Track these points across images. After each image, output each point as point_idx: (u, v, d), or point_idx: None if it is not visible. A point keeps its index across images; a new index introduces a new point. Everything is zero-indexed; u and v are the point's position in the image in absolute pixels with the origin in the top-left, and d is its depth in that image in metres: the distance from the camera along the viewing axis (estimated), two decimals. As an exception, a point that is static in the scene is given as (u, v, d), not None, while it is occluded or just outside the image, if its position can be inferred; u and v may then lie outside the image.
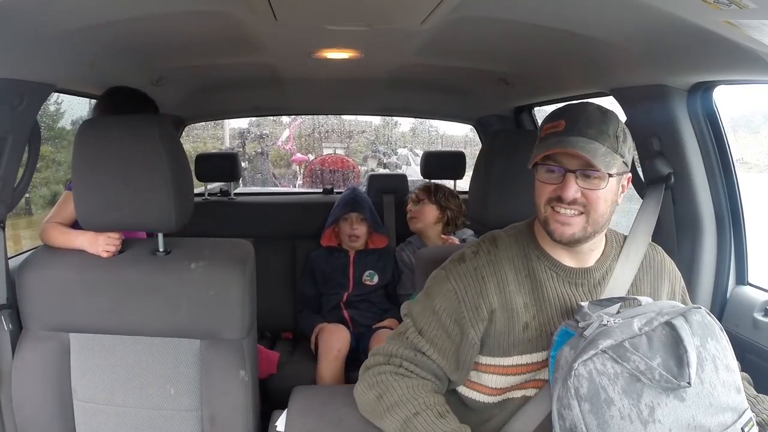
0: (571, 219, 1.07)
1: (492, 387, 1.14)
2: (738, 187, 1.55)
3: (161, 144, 1.29)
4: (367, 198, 2.51)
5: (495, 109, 2.68)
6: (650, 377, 0.92)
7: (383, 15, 1.37)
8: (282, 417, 1.48)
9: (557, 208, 1.07)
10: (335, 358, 2.08)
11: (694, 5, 0.96)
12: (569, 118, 1.07)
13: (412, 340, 1.13)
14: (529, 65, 1.84)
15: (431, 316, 1.13)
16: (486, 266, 1.12)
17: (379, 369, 1.14)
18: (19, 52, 1.29)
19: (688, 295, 1.24)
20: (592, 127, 1.05)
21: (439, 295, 1.13)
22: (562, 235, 1.08)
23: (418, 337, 1.13)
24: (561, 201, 1.06)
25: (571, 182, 1.05)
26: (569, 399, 0.94)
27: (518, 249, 1.15)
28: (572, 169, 1.05)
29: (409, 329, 1.15)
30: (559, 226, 1.07)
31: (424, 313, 1.14)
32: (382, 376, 1.13)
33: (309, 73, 2.12)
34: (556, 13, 1.28)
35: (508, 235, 1.18)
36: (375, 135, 8.80)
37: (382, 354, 1.16)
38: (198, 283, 1.34)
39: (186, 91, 2.34)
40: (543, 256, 1.14)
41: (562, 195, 1.05)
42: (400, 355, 1.13)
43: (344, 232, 2.40)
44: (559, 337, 1.04)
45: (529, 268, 1.13)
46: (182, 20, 1.40)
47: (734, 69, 1.27)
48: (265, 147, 8.47)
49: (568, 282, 1.13)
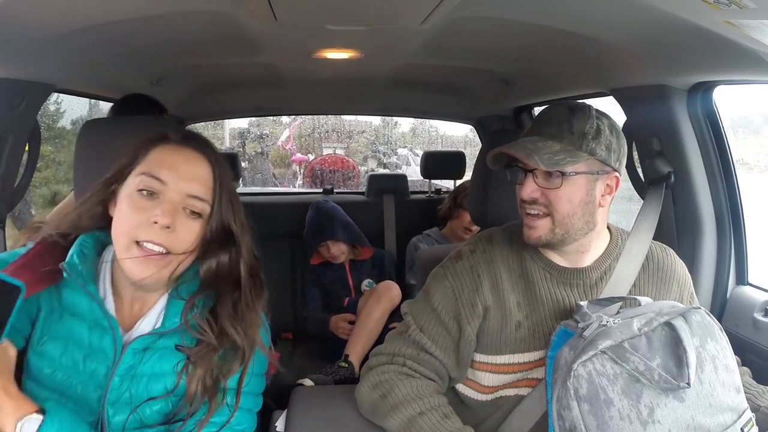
0: (536, 221, 1.07)
1: (485, 385, 1.15)
2: (738, 188, 1.55)
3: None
4: (336, 213, 2.45)
5: (495, 109, 2.68)
6: (650, 378, 0.92)
7: (383, 15, 1.37)
8: (282, 417, 1.48)
9: (526, 210, 1.08)
10: (389, 300, 2.09)
11: (694, 5, 0.96)
12: (535, 120, 1.10)
13: (414, 338, 1.14)
14: (529, 65, 1.84)
15: (431, 314, 1.14)
16: (482, 264, 1.13)
17: (382, 369, 1.14)
18: (19, 52, 1.30)
19: (696, 299, 1.23)
20: (551, 125, 1.06)
21: (437, 293, 1.14)
22: (529, 238, 1.09)
23: (420, 334, 1.13)
24: (525, 202, 1.07)
25: (528, 181, 1.06)
26: (568, 400, 0.94)
27: (513, 248, 1.15)
28: (530, 168, 1.06)
29: (411, 327, 1.15)
30: (527, 230, 1.09)
31: (424, 312, 1.15)
32: (386, 376, 1.12)
33: (309, 73, 2.12)
34: (556, 13, 1.28)
35: (504, 234, 1.18)
36: (375, 135, 8.81)
37: (385, 354, 1.16)
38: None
39: (186, 91, 2.34)
40: (537, 257, 1.14)
41: (521, 195, 1.07)
42: (403, 354, 1.13)
43: (324, 255, 2.40)
44: (558, 338, 1.03)
45: (523, 268, 1.13)
46: (182, 20, 1.40)
47: (734, 69, 1.28)
48: (265, 147, 8.48)
49: (562, 282, 1.13)
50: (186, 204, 0.93)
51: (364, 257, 2.44)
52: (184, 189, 0.92)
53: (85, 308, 0.93)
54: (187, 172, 0.93)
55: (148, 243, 0.90)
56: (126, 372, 0.93)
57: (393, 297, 2.13)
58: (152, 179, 0.91)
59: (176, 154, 0.95)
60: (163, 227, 0.90)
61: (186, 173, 0.93)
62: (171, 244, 0.91)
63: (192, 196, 0.93)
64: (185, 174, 0.93)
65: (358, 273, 2.41)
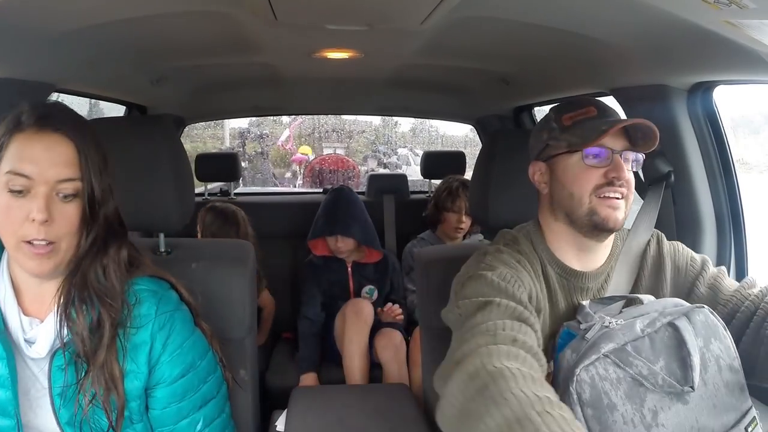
0: (619, 203, 1.03)
1: None
2: (738, 188, 1.55)
3: (162, 144, 1.29)
4: (356, 203, 2.29)
5: (495, 109, 2.68)
6: (653, 382, 0.91)
7: (383, 15, 1.37)
8: (282, 417, 1.49)
9: (607, 193, 1.03)
10: (365, 323, 2.05)
11: (694, 5, 0.96)
12: (596, 105, 1.07)
13: (506, 306, 0.92)
14: (529, 65, 1.84)
15: (498, 293, 0.95)
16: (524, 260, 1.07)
17: (486, 350, 0.82)
18: (19, 52, 1.30)
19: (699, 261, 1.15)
20: (614, 114, 1.07)
21: (493, 275, 0.98)
22: (616, 221, 1.03)
23: (506, 302, 0.92)
24: (612, 184, 1.02)
25: (621, 161, 1.03)
26: (571, 404, 0.92)
27: (533, 251, 1.11)
28: (618, 149, 1.04)
29: (489, 302, 0.92)
30: (612, 211, 1.02)
31: (485, 292, 0.96)
32: (491, 359, 0.80)
33: (309, 73, 2.12)
34: (556, 13, 1.28)
35: (521, 236, 1.13)
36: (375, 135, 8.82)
37: (484, 333, 0.87)
38: (199, 283, 1.33)
39: (186, 91, 2.34)
40: (553, 261, 1.10)
41: (619, 175, 1.02)
42: (504, 326, 0.88)
43: (329, 244, 2.26)
44: (562, 339, 1.02)
45: (545, 274, 1.09)
46: (182, 20, 1.40)
47: (734, 69, 1.27)
48: (265, 147, 8.48)
49: (578, 287, 1.10)
50: (57, 189, 0.91)
51: (369, 260, 2.30)
52: (51, 177, 0.90)
53: None
54: (50, 159, 0.91)
55: (34, 240, 0.90)
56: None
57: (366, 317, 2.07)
58: (17, 176, 0.89)
59: (34, 143, 0.91)
60: (41, 222, 0.89)
61: (49, 161, 0.90)
62: (55, 234, 0.91)
63: (60, 181, 0.91)
64: (48, 162, 0.90)
65: (361, 277, 2.28)
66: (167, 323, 1.00)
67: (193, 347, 1.04)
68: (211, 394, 1.06)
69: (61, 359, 0.94)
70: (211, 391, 1.06)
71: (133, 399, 0.98)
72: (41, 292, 0.97)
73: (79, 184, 0.93)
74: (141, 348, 0.98)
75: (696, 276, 1.13)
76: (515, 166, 1.29)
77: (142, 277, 1.03)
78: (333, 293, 2.26)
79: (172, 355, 1.00)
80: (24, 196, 0.90)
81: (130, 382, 0.97)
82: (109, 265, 0.98)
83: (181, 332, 1.02)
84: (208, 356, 1.06)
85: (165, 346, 1.00)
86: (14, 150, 0.91)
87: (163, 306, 1.01)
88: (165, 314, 1.01)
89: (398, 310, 2.21)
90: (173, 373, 1.00)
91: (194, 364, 1.03)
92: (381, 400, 1.57)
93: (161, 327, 1.00)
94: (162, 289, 1.04)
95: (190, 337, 1.03)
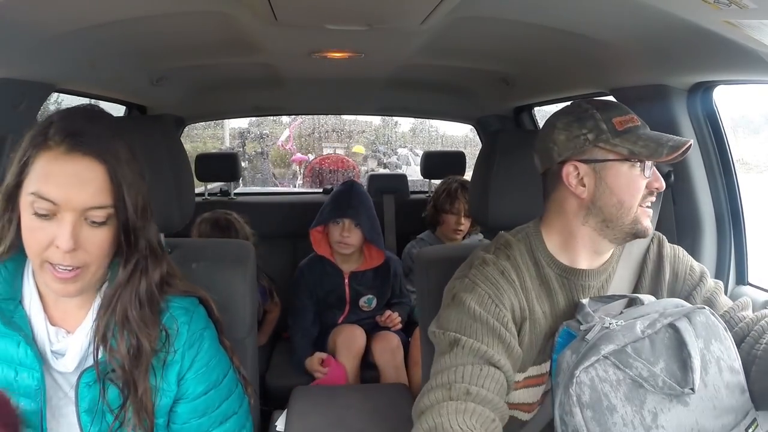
0: (651, 211, 1.06)
1: (530, 402, 1.08)
2: (738, 188, 1.55)
3: (162, 144, 1.29)
4: (367, 197, 2.19)
5: (495, 109, 2.68)
6: (653, 384, 0.90)
7: (383, 15, 1.37)
8: (282, 417, 1.49)
9: (648, 203, 1.05)
10: (355, 356, 2.03)
11: (694, 5, 0.96)
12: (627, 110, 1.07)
13: (471, 347, 0.96)
14: (529, 65, 1.84)
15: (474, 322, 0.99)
16: (511, 270, 1.06)
17: (439, 409, 0.91)
18: (19, 52, 1.29)
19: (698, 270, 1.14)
20: None
21: (472, 302, 1.01)
22: (649, 230, 1.06)
23: (475, 343, 0.97)
24: (652, 194, 1.05)
25: (657, 172, 1.05)
26: (571, 406, 0.92)
27: (530, 254, 1.09)
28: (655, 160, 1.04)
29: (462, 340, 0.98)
30: (648, 220, 1.05)
31: (463, 322, 1.00)
32: (444, 418, 0.89)
33: (309, 73, 2.12)
34: (556, 13, 1.28)
35: (517, 240, 1.11)
36: (375, 135, 8.81)
37: (440, 386, 0.94)
38: (199, 284, 1.33)
39: (186, 91, 2.34)
40: (552, 263, 1.08)
41: (659, 185, 1.05)
42: (462, 378, 0.94)
43: (333, 236, 2.12)
44: (561, 338, 1.01)
45: (542, 276, 1.08)
46: (182, 20, 1.40)
47: (734, 69, 1.27)
48: (265, 147, 8.48)
49: (581, 286, 1.08)
50: (86, 216, 0.86)
51: (369, 266, 2.17)
52: (78, 205, 0.84)
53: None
54: (79, 185, 0.84)
55: (58, 266, 0.86)
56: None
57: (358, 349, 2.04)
58: (42, 201, 0.83)
59: (62, 166, 0.84)
60: (67, 251, 0.84)
61: (78, 186, 0.84)
62: (82, 260, 0.87)
63: (90, 209, 0.85)
64: (77, 188, 0.84)
65: (358, 286, 2.17)
66: (197, 342, 0.99)
67: (218, 365, 1.02)
68: (233, 410, 1.05)
69: (89, 377, 0.92)
70: (232, 407, 1.04)
71: (162, 415, 0.97)
72: (69, 301, 0.94)
73: (111, 210, 0.87)
74: (172, 367, 0.97)
75: (693, 287, 1.12)
76: (515, 167, 1.29)
77: (175, 295, 1.00)
78: (328, 302, 2.17)
79: (197, 373, 0.99)
80: (50, 220, 0.85)
81: (160, 399, 0.96)
82: (147, 292, 0.94)
83: (209, 351, 1.01)
84: (230, 374, 1.05)
85: (192, 363, 0.98)
86: (40, 170, 0.85)
87: (195, 324, 0.99)
88: (195, 333, 0.99)
89: (397, 320, 2.16)
90: (197, 390, 0.99)
91: (218, 381, 1.02)
92: (381, 400, 1.58)
93: (191, 345, 0.98)
94: (192, 305, 1.02)
95: (216, 356, 1.02)
